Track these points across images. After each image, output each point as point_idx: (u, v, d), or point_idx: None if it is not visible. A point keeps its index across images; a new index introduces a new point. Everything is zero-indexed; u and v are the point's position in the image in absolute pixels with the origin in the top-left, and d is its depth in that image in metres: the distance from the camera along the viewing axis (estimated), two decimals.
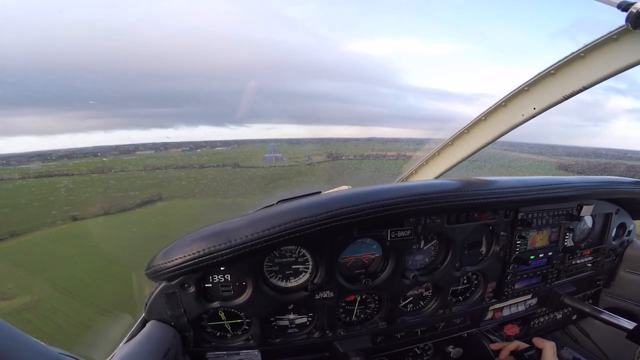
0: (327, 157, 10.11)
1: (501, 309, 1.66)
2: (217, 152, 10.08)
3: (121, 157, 7.64)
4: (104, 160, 7.53)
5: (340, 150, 9.80)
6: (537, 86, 1.55)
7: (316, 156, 10.56)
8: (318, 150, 10.69)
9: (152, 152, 8.44)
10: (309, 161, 10.33)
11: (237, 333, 1.24)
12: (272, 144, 11.19)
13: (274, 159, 10.27)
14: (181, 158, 8.81)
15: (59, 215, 6.00)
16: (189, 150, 9.36)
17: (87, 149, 8.18)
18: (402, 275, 1.33)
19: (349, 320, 1.38)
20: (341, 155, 9.39)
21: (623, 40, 1.22)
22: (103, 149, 8.08)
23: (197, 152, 9.54)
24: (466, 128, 2.01)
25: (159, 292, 1.09)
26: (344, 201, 1.07)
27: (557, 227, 1.64)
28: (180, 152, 8.94)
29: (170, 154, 8.58)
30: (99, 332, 2.95)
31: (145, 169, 8.05)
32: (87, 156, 7.83)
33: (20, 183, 6.45)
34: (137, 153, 8.10)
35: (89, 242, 5.88)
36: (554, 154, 7.94)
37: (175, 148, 9.10)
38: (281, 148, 10.78)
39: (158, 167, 8.30)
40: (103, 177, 7.62)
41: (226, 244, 1.01)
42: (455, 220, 1.34)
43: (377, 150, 6.21)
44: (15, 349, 0.51)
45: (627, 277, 1.94)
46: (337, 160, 9.43)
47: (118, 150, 8.04)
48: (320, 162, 10.13)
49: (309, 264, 1.23)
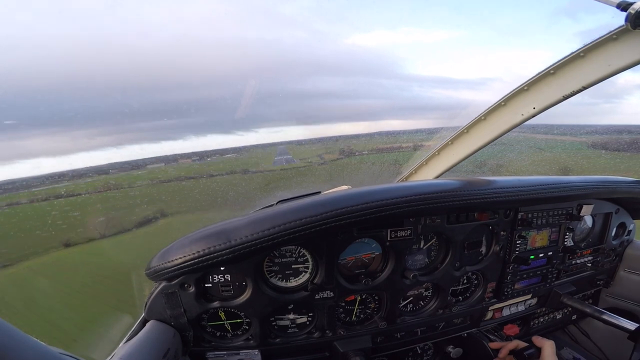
0: (340, 154, 9.89)
1: (501, 309, 1.66)
2: (227, 159, 9.84)
3: (132, 172, 7.44)
4: (109, 177, 7.24)
5: (352, 146, 9.59)
6: (537, 86, 1.56)
7: (328, 154, 10.32)
8: (328, 149, 10.43)
9: (163, 165, 8.23)
10: (322, 160, 10.11)
11: (237, 333, 1.24)
12: (281, 146, 10.99)
13: (284, 162, 10.07)
14: (190, 169, 8.56)
15: (47, 240, 5.57)
16: (199, 159, 9.15)
17: (102, 167, 7.90)
18: (402, 275, 1.33)
19: (349, 320, 1.38)
20: (354, 151, 9.18)
21: (622, 39, 1.22)
22: (114, 166, 7.83)
23: (207, 161, 9.33)
24: (466, 128, 2.01)
25: (159, 292, 1.09)
26: (344, 201, 1.07)
27: (557, 226, 1.64)
28: (190, 163, 8.76)
29: (180, 165, 8.38)
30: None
31: (153, 183, 7.77)
32: (100, 174, 7.54)
33: (22, 208, 6.15)
34: (148, 167, 7.91)
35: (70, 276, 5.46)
36: (576, 134, 7.68)
37: (185, 159, 8.93)
38: (290, 150, 10.53)
39: (166, 180, 8.00)
40: (106, 196, 7.28)
41: (226, 244, 1.01)
42: (455, 220, 1.34)
43: (390, 143, 6.03)
44: (15, 348, 0.51)
45: (627, 277, 1.94)
46: (351, 156, 9.22)
47: (130, 165, 7.84)
48: (335, 160, 9.89)
49: (308, 264, 1.23)
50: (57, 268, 6.04)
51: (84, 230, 6.13)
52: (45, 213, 6.03)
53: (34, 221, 6.03)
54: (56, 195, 6.14)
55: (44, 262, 5.79)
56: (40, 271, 5.75)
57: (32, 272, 5.61)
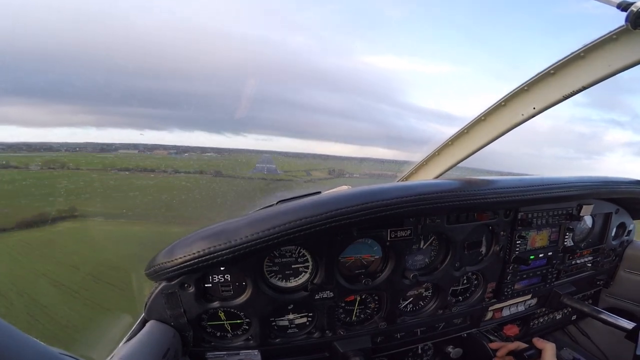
0: (329, 173, 9.74)
1: (501, 309, 1.66)
2: (206, 157, 9.50)
3: (95, 154, 6.79)
4: (53, 155, 6.20)
5: (343, 166, 9.39)
6: (537, 86, 1.55)
7: (315, 171, 10.09)
8: (316, 166, 10.16)
9: (136, 152, 7.84)
10: (308, 177, 9.90)
11: (237, 333, 1.24)
12: (267, 155, 10.77)
13: (265, 170, 9.79)
14: (158, 160, 8.02)
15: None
16: (176, 153, 8.80)
17: (67, 144, 7.16)
18: (402, 276, 1.33)
19: (348, 321, 1.38)
20: (344, 173, 9.01)
21: (623, 40, 1.22)
22: (82, 145, 7.25)
23: (184, 156, 8.99)
24: (466, 128, 2.00)
25: (159, 292, 1.09)
26: (344, 201, 1.07)
27: (557, 227, 1.64)
28: (166, 154, 8.46)
29: (153, 155, 7.96)
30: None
31: (105, 170, 6.89)
32: (59, 150, 6.59)
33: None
34: (120, 152, 7.50)
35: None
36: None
37: (161, 150, 8.63)
38: (276, 160, 10.22)
39: (122, 168, 7.30)
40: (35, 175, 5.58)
41: (226, 244, 1.01)
42: (455, 220, 1.34)
43: (380, 170, 5.87)
44: (15, 348, 0.51)
45: (627, 277, 1.94)
46: (340, 177, 9.07)
47: (99, 147, 7.37)
48: (322, 179, 9.66)
49: (308, 264, 1.23)
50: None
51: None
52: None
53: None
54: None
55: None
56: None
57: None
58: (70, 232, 4.78)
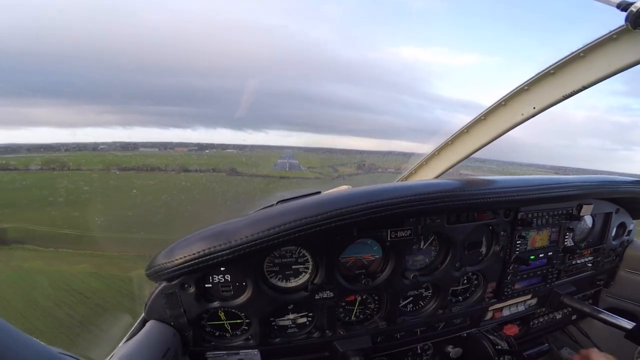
0: (358, 168, 9.54)
1: (501, 309, 1.66)
2: (226, 154, 9.53)
3: (116, 153, 6.96)
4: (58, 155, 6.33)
5: (373, 161, 9.20)
6: (537, 85, 1.55)
7: (342, 167, 9.91)
8: (341, 161, 10.02)
9: (157, 150, 8.00)
10: (334, 173, 9.62)
11: (237, 333, 1.24)
12: (288, 150, 10.64)
13: (287, 166, 9.63)
14: (175, 158, 8.20)
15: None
16: (197, 150, 8.91)
17: (89, 144, 7.34)
18: (402, 276, 1.33)
19: (348, 320, 1.38)
20: (376, 167, 8.84)
21: (623, 39, 1.22)
22: (108, 144, 7.45)
23: (205, 153, 9.09)
24: (466, 128, 2.01)
25: (159, 292, 1.09)
26: (344, 201, 1.07)
27: (557, 226, 1.64)
28: (186, 152, 8.60)
29: (175, 153, 8.09)
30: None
31: (109, 169, 6.92)
32: (82, 150, 6.86)
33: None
34: (141, 150, 7.66)
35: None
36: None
37: (182, 147, 8.71)
38: (298, 156, 10.11)
39: (126, 167, 7.33)
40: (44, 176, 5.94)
41: (226, 244, 1.01)
42: (455, 220, 1.34)
43: (407, 163, 5.74)
44: (15, 348, 0.51)
45: (627, 277, 1.94)
46: (371, 172, 8.90)
47: (120, 146, 7.54)
48: (351, 175, 9.43)
49: (308, 264, 1.23)
50: None
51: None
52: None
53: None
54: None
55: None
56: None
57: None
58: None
